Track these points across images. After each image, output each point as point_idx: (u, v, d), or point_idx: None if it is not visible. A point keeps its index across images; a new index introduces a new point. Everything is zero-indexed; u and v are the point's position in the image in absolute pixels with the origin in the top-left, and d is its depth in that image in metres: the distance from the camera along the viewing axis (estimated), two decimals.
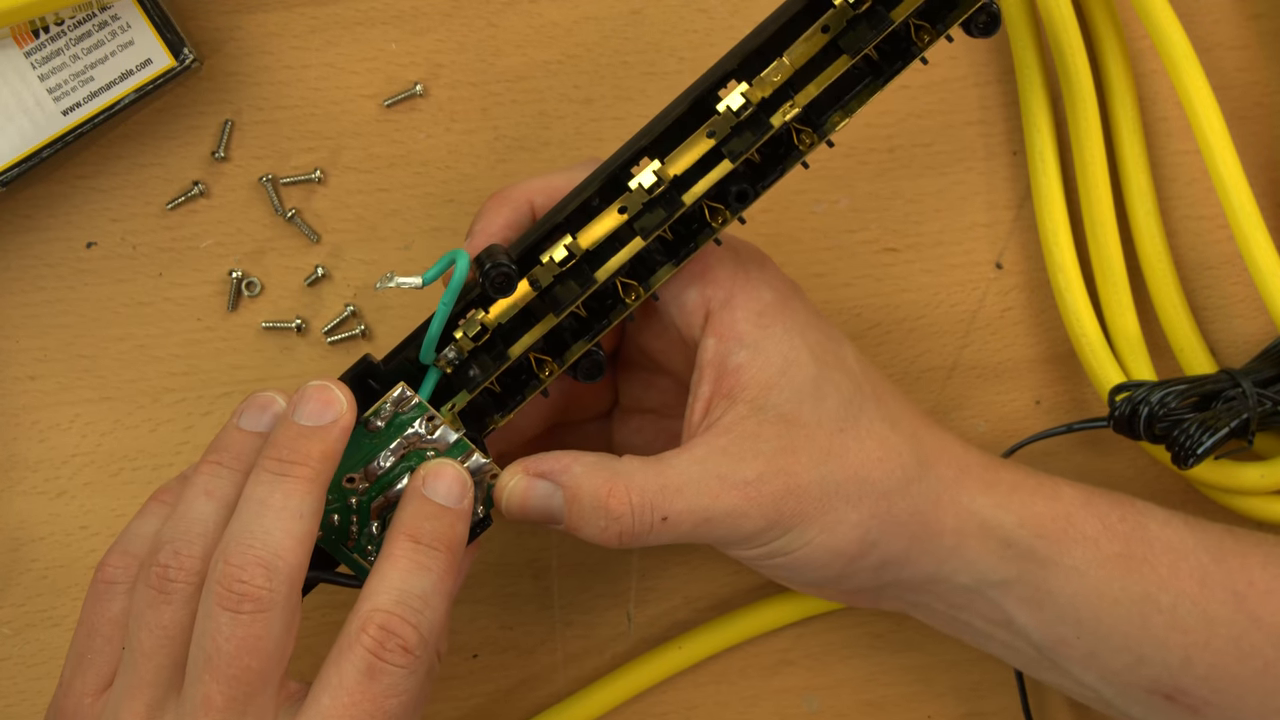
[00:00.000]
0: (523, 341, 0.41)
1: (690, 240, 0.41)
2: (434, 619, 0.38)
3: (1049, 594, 0.41)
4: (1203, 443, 0.45)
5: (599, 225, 0.40)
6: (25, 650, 0.48)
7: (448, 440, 0.41)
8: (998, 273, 0.51)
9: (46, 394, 0.48)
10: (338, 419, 0.39)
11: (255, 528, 0.37)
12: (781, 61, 0.40)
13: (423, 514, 0.39)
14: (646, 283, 0.41)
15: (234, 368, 0.49)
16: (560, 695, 0.50)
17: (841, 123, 0.41)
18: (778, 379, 0.40)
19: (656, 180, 0.40)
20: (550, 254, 0.40)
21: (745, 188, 0.41)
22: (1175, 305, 0.49)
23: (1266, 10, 0.51)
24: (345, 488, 0.40)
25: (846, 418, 0.41)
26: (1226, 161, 0.47)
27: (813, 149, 0.41)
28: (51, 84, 0.45)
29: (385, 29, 0.49)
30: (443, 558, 0.39)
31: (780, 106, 0.40)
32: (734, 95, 0.39)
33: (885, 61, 0.41)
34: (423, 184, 0.49)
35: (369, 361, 0.41)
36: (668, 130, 0.40)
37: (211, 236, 0.49)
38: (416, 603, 0.37)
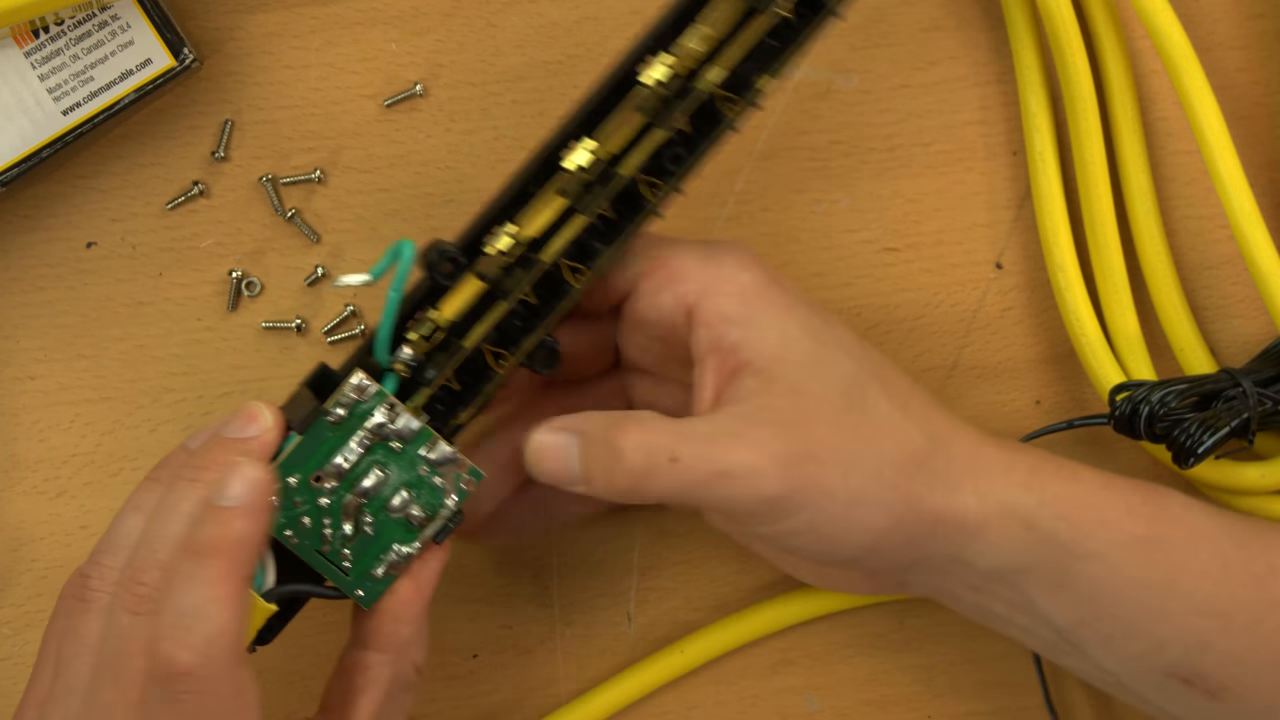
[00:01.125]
0: (474, 333, 0.41)
1: (632, 218, 0.41)
2: (213, 630, 0.36)
3: (1070, 577, 0.41)
4: (1203, 442, 0.45)
5: (540, 211, 0.40)
6: (25, 650, 0.48)
7: (411, 428, 0.40)
8: (998, 273, 0.51)
9: (46, 394, 0.48)
10: (260, 434, 0.39)
11: (159, 533, 0.38)
12: (700, 29, 0.40)
13: (201, 520, 0.38)
14: (593, 264, 0.41)
15: (234, 368, 0.49)
16: (560, 694, 0.50)
17: (767, 84, 0.41)
18: (779, 351, 0.39)
19: (593, 158, 0.40)
20: (494, 245, 0.40)
21: (680, 151, 0.41)
22: (1175, 305, 0.49)
23: (1266, 10, 0.51)
24: (314, 488, 0.40)
25: (853, 395, 0.40)
26: (1226, 161, 0.47)
27: (743, 113, 0.41)
28: (51, 84, 0.45)
29: (385, 29, 0.49)
30: (215, 563, 0.37)
31: (703, 74, 0.40)
32: (657, 67, 0.40)
33: (802, 20, 0.41)
34: (423, 184, 0.49)
35: (325, 369, 0.41)
36: (597, 109, 0.40)
37: (211, 236, 0.49)
38: (187, 620, 0.36)
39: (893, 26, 0.50)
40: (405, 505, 0.41)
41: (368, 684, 0.41)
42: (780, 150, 0.50)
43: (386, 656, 0.41)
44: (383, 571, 0.41)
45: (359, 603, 0.41)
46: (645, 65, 0.40)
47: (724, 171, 0.50)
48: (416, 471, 0.41)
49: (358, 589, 0.41)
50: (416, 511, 0.41)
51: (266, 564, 0.40)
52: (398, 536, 0.41)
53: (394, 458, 0.41)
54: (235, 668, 0.37)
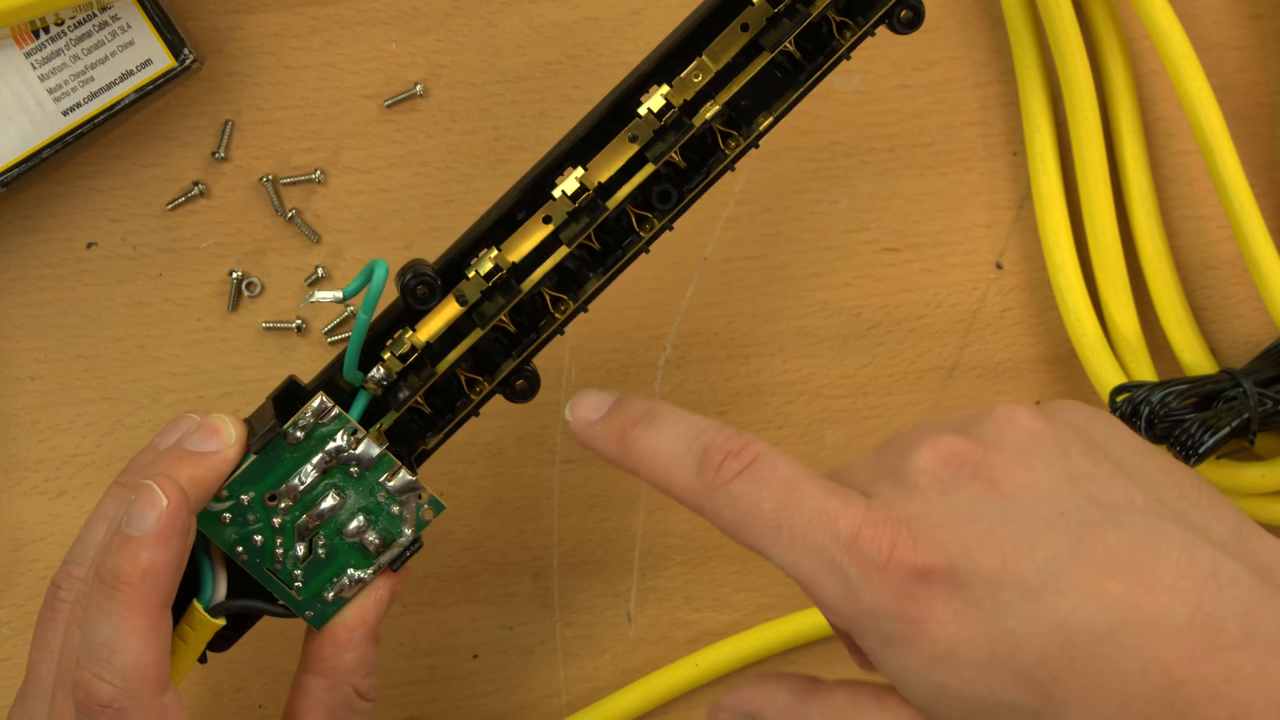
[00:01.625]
0: (448, 358, 0.40)
1: (618, 250, 0.40)
2: (128, 662, 0.36)
3: None
4: (1204, 443, 0.45)
5: (525, 237, 0.40)
6: (24, 650, 0.48)
7: (371, 455, 0.40)
8: (998, 273, 0.51)
9: (46, 394, 0.48)
10: (219, 450, 0.39)
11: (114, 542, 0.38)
12: (702, 61, 0.39)
13: (108, 549, 0.37)
14: (576, 295, 0.40)
15: (234, 368, 0.49)
16: (560, 694, 0.50)
17: (767, 124, 0.40)
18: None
19: (581, 188, 0.39)
20: (476, 268, 0.39)
21: (668, 188, 0.40)
22: (1175, 305, 0.49)
23: (1266, 10, 0.51)
24: (268, 506, 0.39)
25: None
26: (1226, 161, 0.47)
27: (741, 152, 0.40)
28: (51, 84, 0.45)
29: (385, 29, 0.49)
30: (123, 595, 0.36)
31: (702, 109, 0.40)
32: (655, 98, 0.39)
33: (809, 61, 0.40)
34: (423, 184, 0.49)
35: (294, 382, 0.40)
36: (590, 136, 0.40)
37: (211, 237, 0.49)
38: (103, 652, 0.36)
39: None
40: (361, 531, 0.40)
41: (307, 709, 0.40)
42: (780, 150, 0.50)
43: (325, 681, 0.40)
44: (333, 595, 0.40)
45: (309, 624, 0.40)
46: (645, 96, 0.39)
47: None
48: (375, 498, 0.40)
49: (308, 610, 0.40)
50: (372, 538, 0.40)
51: (217, 578, 0.40)
52: (352, 561, 0.40)
53: (353, 483, 0.40)
54: (155, 697, 0.36)
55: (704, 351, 0.50)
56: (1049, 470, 0.33)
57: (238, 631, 0.41)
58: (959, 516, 0.32)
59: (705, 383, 0.50)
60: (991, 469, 0.33)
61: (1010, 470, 0.33)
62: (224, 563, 0.40)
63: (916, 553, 0.32)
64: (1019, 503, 0.32)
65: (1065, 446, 0.34)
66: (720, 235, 0.50)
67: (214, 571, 0.40)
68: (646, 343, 0.50)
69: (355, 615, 0.40)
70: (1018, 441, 0.34)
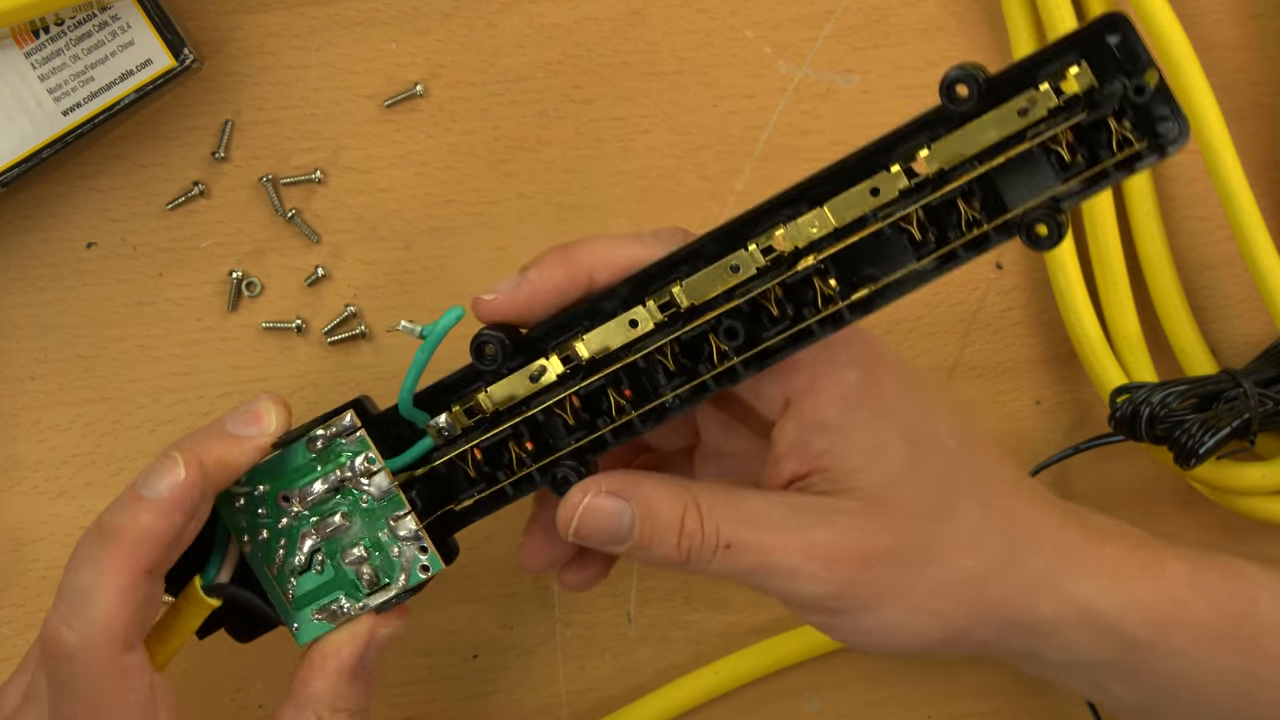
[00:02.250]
0: (501, 426, 0.39)
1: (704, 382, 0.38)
2: (100, 615, 0.36)
3: (1148, 671, 0.39)
4: (1204, 443, 0.45)
5: (612, 334, 0.38)
6: (25, 650, 0.48)
7: (382, 488, 0.39)
8: (998, 273, 0.51)
9: (46, 394, 0.48)
10: (256, 436, 0.39)
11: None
12: (823, 213, 0.36)
13: (116, 504, 0.38)
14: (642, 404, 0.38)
15: (234, 368, 0.49)
16: (560, 694, 0.50)
17: (877, 302, 0.37)
18: (866, 462, 0.38)
19: (674, 302, 0.37)
20: (559, 352, 0.38)
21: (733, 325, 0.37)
22: (1176, 305, 0.49)
23: (1266, 10, 0.51)
24: (280, 506, 0.40)
25: (940, 502, 0.38)
26: (1226, 161, 0.47)
27: (847, 318, 0.37)
28: (51, 84, 0.45)
29: (385, 29, 0.49)
30: (115, 548, 0.36)
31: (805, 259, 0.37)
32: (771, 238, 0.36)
33: (933, 248, 0.36)
34: (423, 184, 0.49)
35: (361, 404, 0.40)
36: (702, 252, 0.37)
37: (211, 236, 0.49)
38: (76, 600, 0.36)
39: (893, 26, 0.50)
40: (359, 561, 0.40)
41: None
42: (780, 150, 0.50)
43: (292, 705, 0.40)
44: (320, 617, 0.40)
45: (294, 636, 0.40)
46: (762, 234, 0.37)
47: (724, 171, 0.50)
48: (378, 534, 0.40)
49: (295, 622, 0.40)
50: (367, 572, 0.40)
51: (225, 563, 0.40)
52: (344, 589, 0.40)
53: (360, 511, 0.40)
54: (117, 654, 0.36)
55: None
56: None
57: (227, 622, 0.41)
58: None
59: None
60: None
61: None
62: (234, 555, 0.40)
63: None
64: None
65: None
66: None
67: (223, 557, 0.40)
68: None
69: (330, 644, 0.40)
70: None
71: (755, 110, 0.50)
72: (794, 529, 0.37)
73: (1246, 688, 0.39)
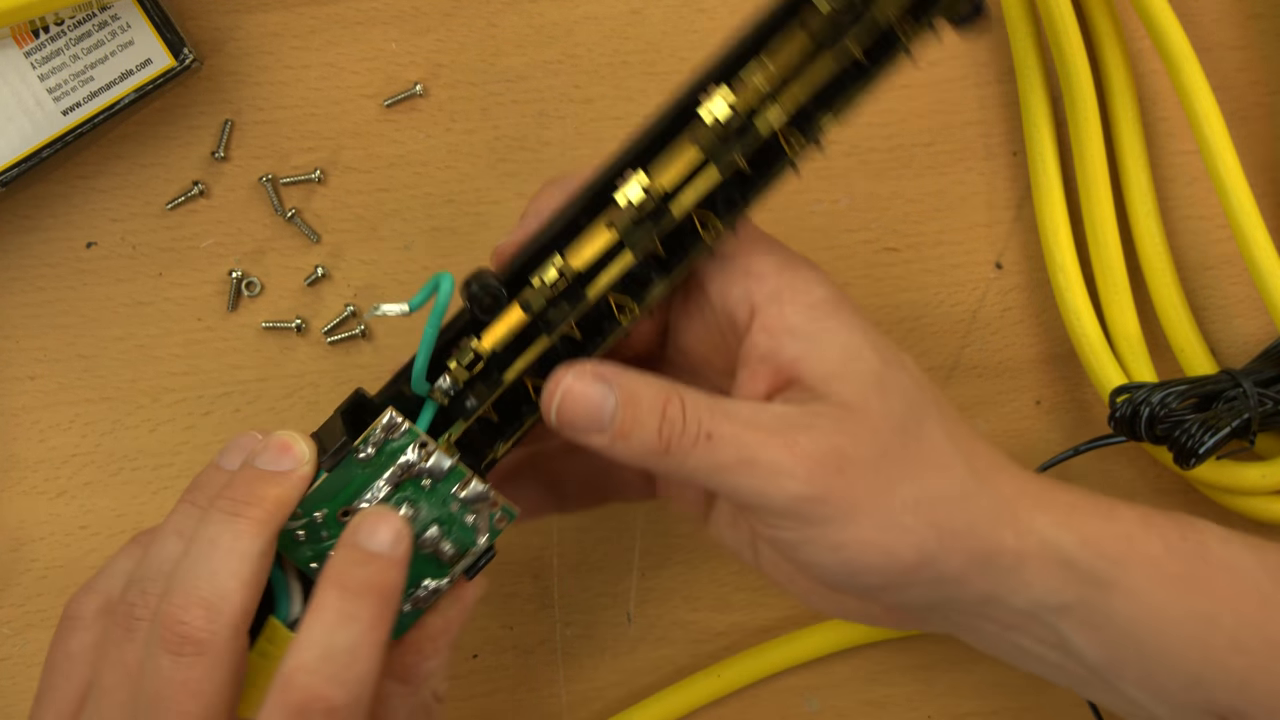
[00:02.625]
0: (515, 366, 0.40)
1: (682, 252, 0.40)
2: (363, 671, 0.36)
3: (1108, 616, 0.40)
4: (1204, 443, 0.45)
5: (589, 244, 0.39)
6: (25, 650, 0.48)
7: (442, 467, 0.39)
8: (998, 273, 0.51)
9: (46, 394, 0.48)
10: (296, 467, 0.39)
11: (201, 568, 0.37)
12: (764, 64, 0.38)
13: (350, 560, 0.37)
14: (640, 298, 0.40)
15: (234, 368, 0.49)
16: (560, 694, 0.50)
17: (831, 126, 0.40)
18: (839, 369, 0.38)
19: (645, 194, 0.39)
20: (541, 276, 0.39)
21: (735, 195, 0.40)
22: (1175, 305, 0.49)
23: (1266, 10, 0.51)
24: (342, 522, 0.39)
25: (909, 418, 0.38)
26: (1226, 161, 0.47)
27: (803, 154, 0.40)
28: (51, 84, 0.45)
29: (385, 29, 0.49)
30: (371, 605, 0.37)
31: (765, 112, 0.39)
32: (718, 103, 0.38)
33: (872, 61, 0.40)
34: (423, 184, 0.49)
35: (361, 396, 0.40)
36: (653, 141, 0.39)
37: (211, 236, 0.49)
38: (343, 658, 0.36)
39: None
40: (435, 541, 0.40)
41: (388, 713, 0.40)
42: None
43: (409, 688, 0.40)
44: (410, 606, 0.40)
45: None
46: (706, 97, 0.38)
47: None
48: (448, 509, 0.40)
49: None
50: (447, 548, 0.40)
51: (293, 594, 0.40)
52: (428, 572, 0.40)
53: (424, 495, 0.40)
54: (368, 713, 0.37)
55: None
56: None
57: None
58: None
59: None
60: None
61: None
62: (299, 579, 0.40)
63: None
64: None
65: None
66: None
67: (289, 588, 0.40)
68: None
69: (439, 625, 0.40)
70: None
71: None
72: (776, 429, 0.37)
73: (1202, 633, 0.39)
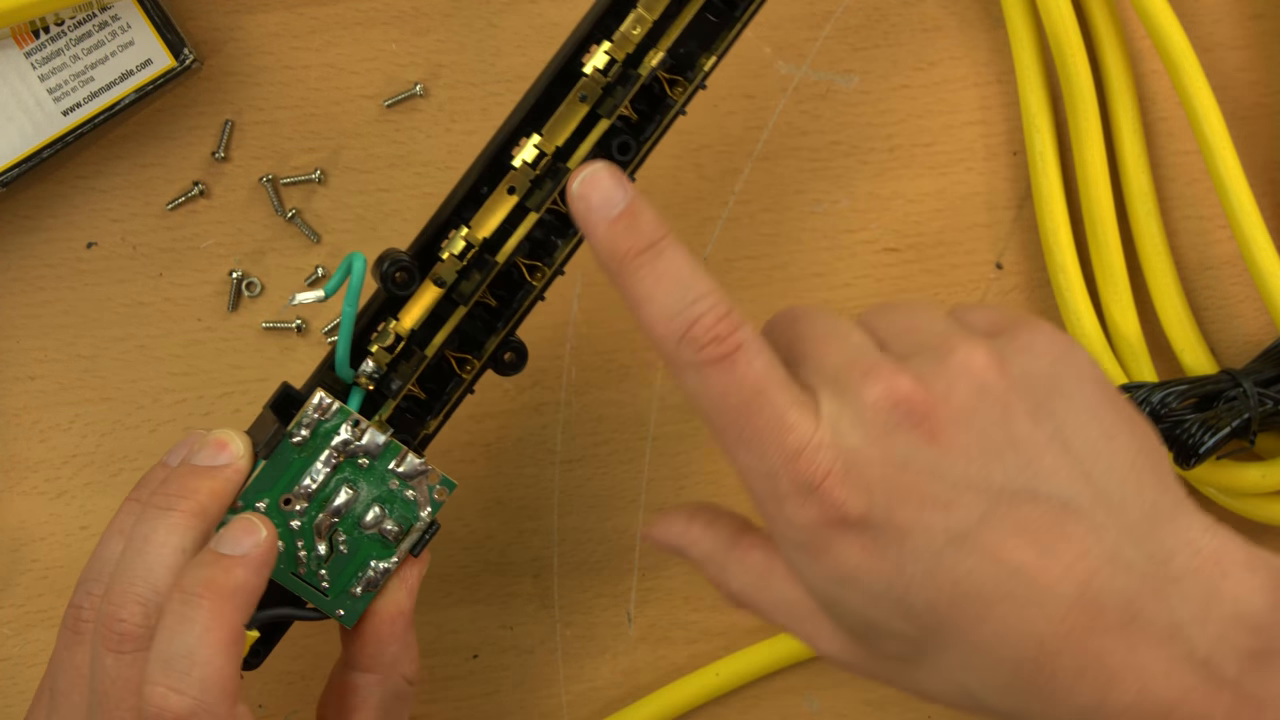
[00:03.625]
0: (434, 341, 0.40)
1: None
2: (204, 675, 0.35)
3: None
4: (1204, 442, 0.45)
5: (492, 212, 0.40)
6: (25, 650, 0.48)
7: (377, 443, 0.40)
8: (998, 273, 0.51)
9: (46, 394, 0.48)
10: (231, 462, 0.39)
11: (137, 565, 0.37)
12: (639, 14, 0.39)
13: (197, 563, 0.37)
14: (550, 260, 0.41)
15: (234, 368, 0.49)
16: (560, 694, 0.50)
17: (710, 64, 0.40)
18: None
19: (539, 154, 0.40)
20: (448, 248, 0.40)
21: (627, 140, 0.40)
22: (1175, 305, 0.49)
23: (1266, 10, 0.51)
24: (284, 510, 0.40)
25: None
26: (1226, 161, 0.47)
27: (689, 95, 0.41)
28: (51, 84, 0.45)
29: (385, 29, 0.49)
30: (208, 606, 0.36)
31: (644, 58, 0.40)
32: (598, 56, 0.39)
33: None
34: (423, 184, 0.49)
35: (288, 389, 0.40)
36: (540, 104, 0.40)
37: (212, 237, 0.49)
38: (181, 664, 0.35)
39: (893, 26, 0.50)
40: (378, 521, 0.40)
41: (360, 704, 0.40)
42: (780, 150, 0.50)
43: (376, 676, 0.40)
44: (361, 589, 0.40)
45: (340, 622, 0.41)
46: (587, 56, 0.40)
47: (724, 171, 0.50)
48: (387, 486, 0.40)
49: (338, 609, 0.40)
50: (390, 526, 0.40)
51: None
52: (374, 553, 0.40)
53: (363, 474, 0.40)
54: (231, 709, 0.36)
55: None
56: (986, 433, 0.34)
57: (267, 646, 0.41)
58: (891, 460, 0.34)
59: None
60: (934, 422, 0.34)
61: (949, 426, 0.34)
62: None
63: (842, 487, 0.34)
64: (949, 459, 0.34)
65: (1010, 407, 0.34)
66: (720, 235, 0.50)
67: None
68: (646, 342, 0.50)
69: (391, 607, 0.41)
70: (965, 397, 0.34)
71: (755, 110, 0.50)
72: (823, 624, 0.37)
73: None
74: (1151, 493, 0.34)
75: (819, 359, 0.36)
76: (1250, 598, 0.32)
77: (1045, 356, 0.36)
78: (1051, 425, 0.34)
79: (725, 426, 0.35)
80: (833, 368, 0.36)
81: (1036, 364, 0.35)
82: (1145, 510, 0.34)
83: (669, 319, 0.35)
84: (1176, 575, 0.33)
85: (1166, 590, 0.32)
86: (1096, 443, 0.34)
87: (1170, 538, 0.33)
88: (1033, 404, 0.35)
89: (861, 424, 0.34)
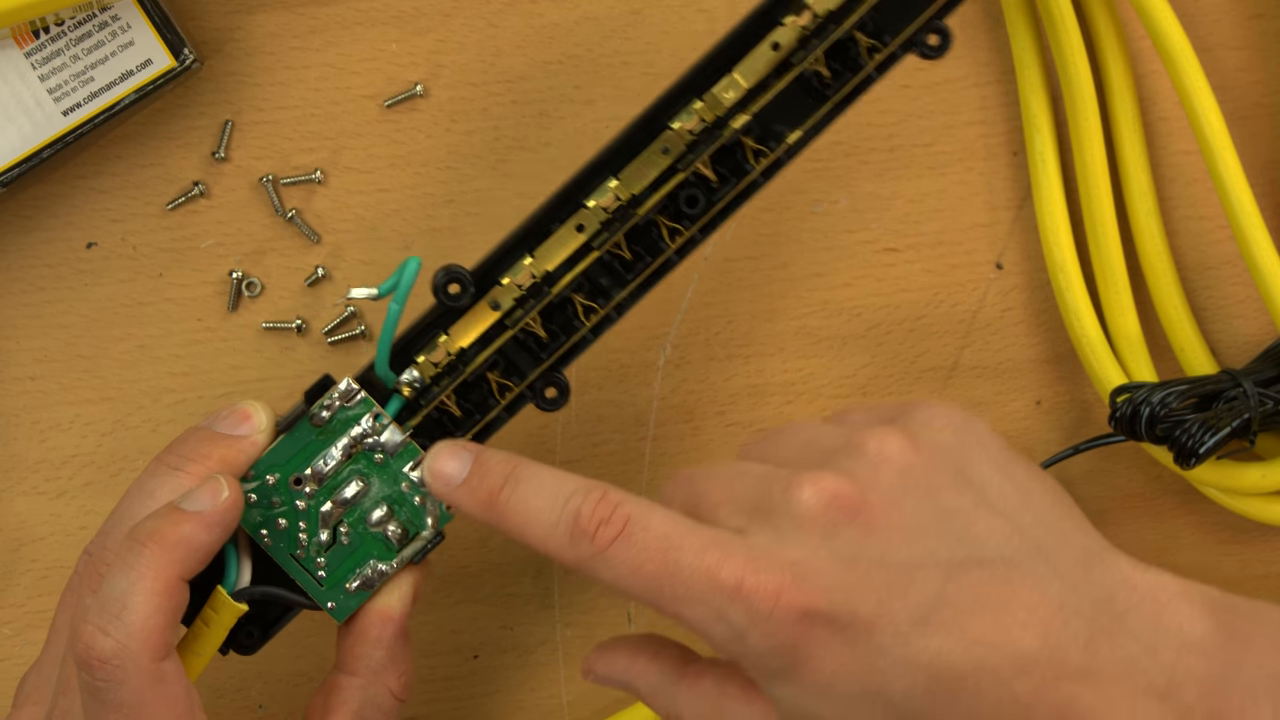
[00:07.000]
0: (479, 358, 0.40)
1: (648, 259, 0.41)
2: (134, 620, 0.36)
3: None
4: (1204, 443, 0.45)
5: (559, 246, 0.40)
6: (25, 650, 0.48)
7: (394, 441, 0.40)
8: (998, 273, 0.51)
9: (47, 394, 0.48)
10: (250, 434, 0.40)
11: (129, 514, 0.38)
12: (733, 78, 0.40)
13: (153, 515, 0.38)
14: (606, 304, 0.41)
15: (234, 368, 0.49)
16: (560, 694, 0.50)
17: (795, 138, 0.40)
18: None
19: (614, 198, 0.40)
20: (510, 276, 0.40)
21: (695, 193, 0.40)
22: (1175, 305, 0.49)
23: (1266, 10, 0.51)
24: (293, 489, 0.40)
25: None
26: (1226, 161, 0.47)
27: (770, 166, 0.40)
28: (51, 84, 0.45)
29: (385, 29, 0.49)
30: (151, 554, 0.36)
31: (731, 122, 0.40)
32: (687, 111, 0.40)
33: (838, 80, 0.41)
34: (423, 184, 0.49)
35: (327, 378, 0.41)
36: (622, 149, 0.40)
37: (212, 237, 0.49)
38: (114, 606, 0.36)
39: None
40: (384, 521, 0.40)
41: (339, 705, 0.40)
42: None
43: (359, 680, 0.40)
44: (356, 586, 0.40)
45: (331, 615, 0.41)
46: (677, 110, 0.40)
47: None
48: (399, 487, 0.40)
49: (330, 600, 0.40)
50: (395, 529, 0.40)
51: (242, 565, 0.40)
52: (375, 552, 0.40)
53: (377, 470, 0.40)
54: (154, 661, 0.36)
55: (704, 351, 0.50)
56: (920, 511, 0.35)
57: (265, 632, 0.41)
58: (840, 560, 0.34)
59: (705, 382, 0.50)
60: (870, 512, 0.35)
61: (885, 512, 0.35)
62: (249, 553, 0.40)
63: (801, 595, 0.34)
64: (894, 545, 0.34)
65: (934, 481, 0.35)
66: (720, 235, 0.50)
67: (239, 559, 0.40)
68: (646, 342, 0.50)
69: (383, 611, 0.41)
70: (890, 481, 0.35)
71: None
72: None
73: None
74: (1078, 537, 0.35)
75: (733, 502, 0.36)
76: (1193, 626, 0.33)
77: (947, 429, 0.37)
78: (973, 491, 0.35)
79: (657, 594, 0.35)
80: (750, 502, 0.36)
81: (942, 437, 0.36)
82: (1078, 555, 0.34)
83: (552, 527, 0.36)
84: (1120, 613, 0.33)
85: (1114, 628, 0.33)
86: (1016, 499, 0.35)
87: (1105, 578, 0.34)
88: (952, 475, 0.35)
89: (799, 534, 0.34)
